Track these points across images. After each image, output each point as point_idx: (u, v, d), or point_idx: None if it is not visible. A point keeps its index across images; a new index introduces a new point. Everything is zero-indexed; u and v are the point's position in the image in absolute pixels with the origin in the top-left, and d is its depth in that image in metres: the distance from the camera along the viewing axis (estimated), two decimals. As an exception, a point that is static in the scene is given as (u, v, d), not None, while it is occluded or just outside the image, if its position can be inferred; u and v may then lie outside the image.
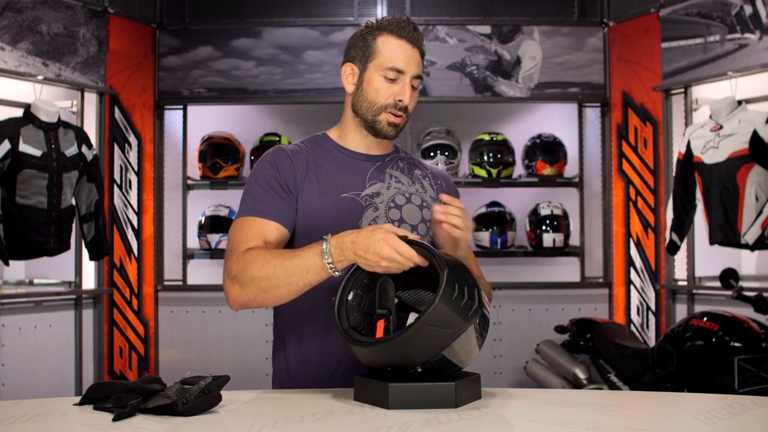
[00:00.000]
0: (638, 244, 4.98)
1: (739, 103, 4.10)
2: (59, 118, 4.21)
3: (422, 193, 2.00)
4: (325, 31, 5.15)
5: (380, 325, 1.62)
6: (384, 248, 1.61)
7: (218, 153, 5.10)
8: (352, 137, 1.98)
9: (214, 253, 5.12)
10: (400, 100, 1.90)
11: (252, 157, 5.15)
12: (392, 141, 2.04)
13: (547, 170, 5.11)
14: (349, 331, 1.64)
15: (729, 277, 3.69)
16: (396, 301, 1.67)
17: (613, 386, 3.96)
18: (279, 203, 1.88)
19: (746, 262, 4.44)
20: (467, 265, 1.69)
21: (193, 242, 5.21)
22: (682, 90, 4.69)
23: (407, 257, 1.61)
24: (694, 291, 4.63)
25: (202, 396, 1.56)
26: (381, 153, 2.01)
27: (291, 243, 1.92)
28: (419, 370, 1.59)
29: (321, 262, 1.68)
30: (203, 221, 5.14)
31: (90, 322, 4.77)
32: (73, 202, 4.29)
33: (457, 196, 2.07)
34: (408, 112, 1.93)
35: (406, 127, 4.99)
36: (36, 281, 4.62)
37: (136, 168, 5.06)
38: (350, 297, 1.69)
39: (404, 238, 1.64)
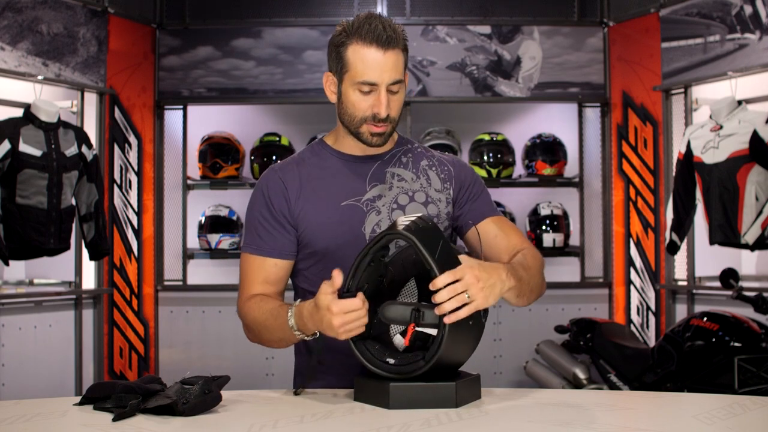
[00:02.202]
0: (638, 244, 4.98)
1: (739, 103, 4.10)
2: (59, 118, 4.20)
3: (427, 188, 1.94)
4: (325, 31, 5.15)
5: (410, 329, 1.62)
6: (333, 319, 1.60)
7: (218, 153, 5.10)
8: (348, 143, 1.95)
9: (214, 254, 5.12)
10: (377, 113, 1.84)
11: (252, 157, 5.15)
12: (396, 133, 1.98)
13: (547, 170, 5.11)
14: (386, 366, 1.62)
15: (729, 277, 3.69)
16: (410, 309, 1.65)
17: (613, 386, 3.96)
18: (275, 237, 1.89)
19: (746, 262, 4.44)
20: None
21: (193, 242, 5.21)
22: (682, 90, 4.69)
23: (358, 308, 1.60)
24: (694, 291, 4.63)
25: (202, 396, 1.56)
26: (381, 151, 1.95)
27: (299, 260, 1.93)
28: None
29: (290, 327, 1.74)
30: (203, 221, 5.14)
31: (90, 322, 4.77)
32: (73, 202, 4.29)
33: (469, 176, 2.01)
34: (391, 118, 1.86)
35: (406, 128, 5.05)
36: (36, 281, 4.62)
37: (136, 168, 5.06)
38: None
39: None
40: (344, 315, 1.59)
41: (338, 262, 1.72)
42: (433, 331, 1.58)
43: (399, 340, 1.69)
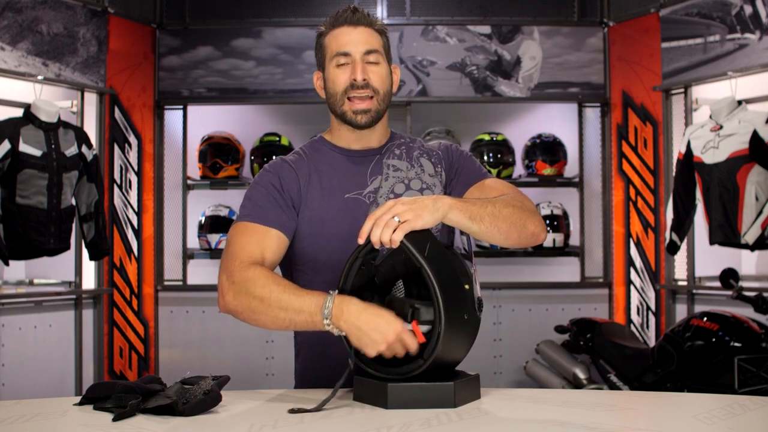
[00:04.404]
0: (638, 244, 4.98)
1: (739, 103, 4.10)
2: (59, 118, 4.21)
3: (422, 175, 1.97)
4: (325, 31, 5.14)
5: (416, 327, 1.60)
6: (391, 333, 1.57)
7: (218, 153, 5.10)
8: (343, 136, 1.98)
9: (214, 253, 5.12)
10: (354, 79, 1.88)
11: (252, 157, 5.15)
12: (388, 129, 2.03)
13: (547, 170, 5.11)
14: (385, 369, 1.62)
15: (729, 277, 3.69)
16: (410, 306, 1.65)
17: (613, 386, 3.96)
18: (279, 212, 1.87)
19: (746, 262, 4.44)
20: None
21: (193, 242, 5.21)
22: (682, 90, 4.69)
23: (411, 348, 1.59)
24: (694, 291, 4.63)
25: (202, 396, 1.56)
26: (377, 145, 1.99)
27: (295, 249, 1.91)
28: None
29: (317, 312, 1.64)
30: (203, 221, 5.14)
31: (90, 322, 4.77)
32: (73, 202, 4.29)
33: (454, 153, 2.02)
34: (375, 89, 1.90)
35: (406, 128, 5.05)
36: (36, 281, 4.62)
37: (136, 168, 5.06)
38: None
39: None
40: (399, 345, 1.58)
41: (342, 254, 1.72)
42: (428, 329, 1.59)
43: None
